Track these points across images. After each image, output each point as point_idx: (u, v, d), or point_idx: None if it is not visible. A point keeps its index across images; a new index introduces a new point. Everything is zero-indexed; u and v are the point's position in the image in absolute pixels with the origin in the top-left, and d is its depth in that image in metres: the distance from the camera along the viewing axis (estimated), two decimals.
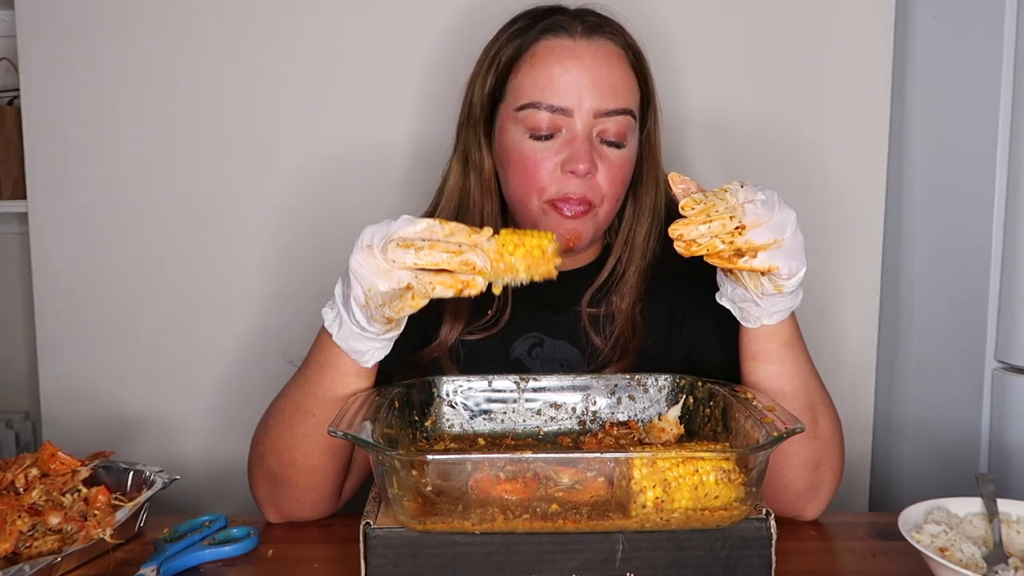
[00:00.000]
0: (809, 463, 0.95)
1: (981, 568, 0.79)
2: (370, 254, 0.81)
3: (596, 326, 1.09)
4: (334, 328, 0.89)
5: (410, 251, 0.79)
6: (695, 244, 0.80)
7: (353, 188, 1.46)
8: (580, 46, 1.02)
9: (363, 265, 0.81)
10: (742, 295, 0.89)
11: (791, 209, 0.83)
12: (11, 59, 1.57)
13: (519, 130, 1.03)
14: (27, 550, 0.85)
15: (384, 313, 0.83)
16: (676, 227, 0.80)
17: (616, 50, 1.04)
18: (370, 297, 0.82)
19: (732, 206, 0.80)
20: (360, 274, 0.81)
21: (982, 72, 1.24)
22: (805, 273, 0.85)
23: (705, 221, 0.80)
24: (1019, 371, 1.20)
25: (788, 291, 0.86)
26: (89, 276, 1.47)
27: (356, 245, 0.82)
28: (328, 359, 0.92)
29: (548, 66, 1.02)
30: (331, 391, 0.92)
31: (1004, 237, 1.21)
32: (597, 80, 1.01)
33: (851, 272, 1.50)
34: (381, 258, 0.80)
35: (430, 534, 0.75)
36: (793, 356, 0.93)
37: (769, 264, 0.82)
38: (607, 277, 1.10)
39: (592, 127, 1.01)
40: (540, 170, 1.02)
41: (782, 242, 0.82)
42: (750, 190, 0.82)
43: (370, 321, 0.85)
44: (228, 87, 1.45)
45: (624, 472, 0.74)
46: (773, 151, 1.48)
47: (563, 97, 1.01)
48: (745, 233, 0.81)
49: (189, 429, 1.49)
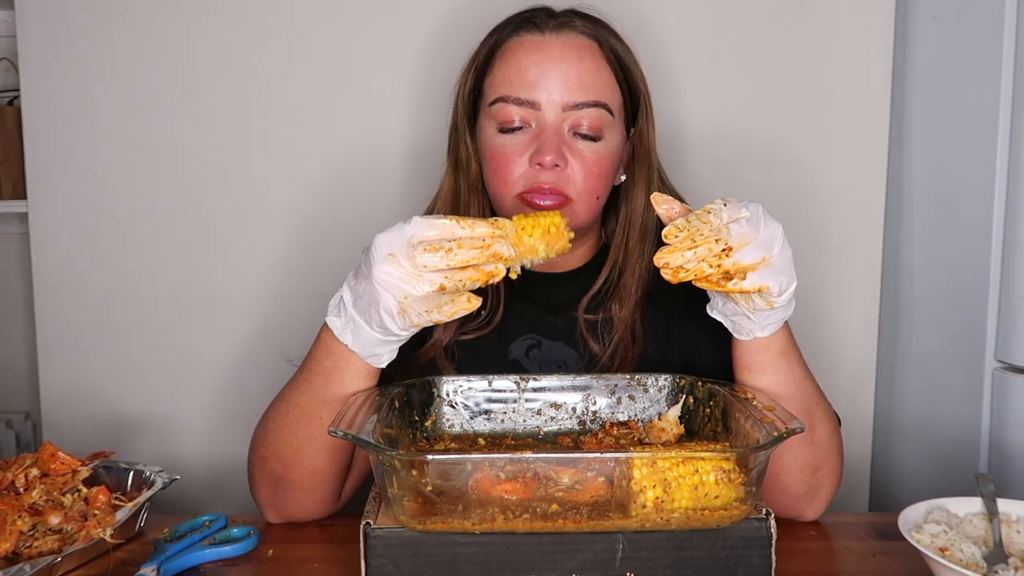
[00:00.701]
0: (807, 468, 0.95)
1: (981, 568, 0.79)
2: (395, 262, 0.80)
3: (594, 333, 1.09)
4: (347, 337, 0.88)
5: (439, 253, 0.79)
6: (682, 270, 0.79)
7: (353, 189, 1.46)
8: (548, 40, 1.03)
9: (391, 275, 0.80)
10: (733, 309, 0.88)
11: (777, 223, 0.82)
12: (11, 59, 1.57)
13: (491, 125, 1.04)
14: (27, 550, 0.85)
15: (432, 318, 0.83)
16: (661, 255, 0.79)
17: (587, 43, 1.03)
18: (407, 305, 0.81)
19: (717, 227, 0.79)
20: (389, 284, 0.80)
21: (982, 72, 1.24)
22: (796, 287, 0.84)
23: (691, 247, 0.78)
24: (1019, 371, 1.20)
25: (779, 305, 0.85)
26: (89, 276, 1.47)
27: (373, 256, 0.81)
28: (337, 364, 0.91)
29: (517, 60, 1.03)
30: (339, 393, 0.91)
31: (1004, 237, 1.21)
32: (565, 72, 1.01)
33: (851, 272, 1.50)
34: (409, 265, 0.80)
35: (430, 534, 0.75)
36: (787, 365, 0.92)
37: (759, 284, 0.81)
38: (603, 282, 1.10)
39: (563, 120, 1.01)
40: (510, 163, 1.01)
41: (770, 259, 0.81)
42: (734, 207, 0.81)
43: (408, 328, 0.84)
44: (227, 88, 1.45)
45: (624, 472, 0.74)
46: (773, 152, 1.48)
47: (530, 90, 1.01)
48: (732, 254, 0.79)
49: (189, 429, 1.49)
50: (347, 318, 0.87)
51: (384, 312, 0.83)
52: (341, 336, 0.88)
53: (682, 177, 1.15)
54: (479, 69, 1.07)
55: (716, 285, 0.81)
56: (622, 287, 1.08)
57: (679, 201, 0.83)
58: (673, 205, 0.83)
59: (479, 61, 1.08)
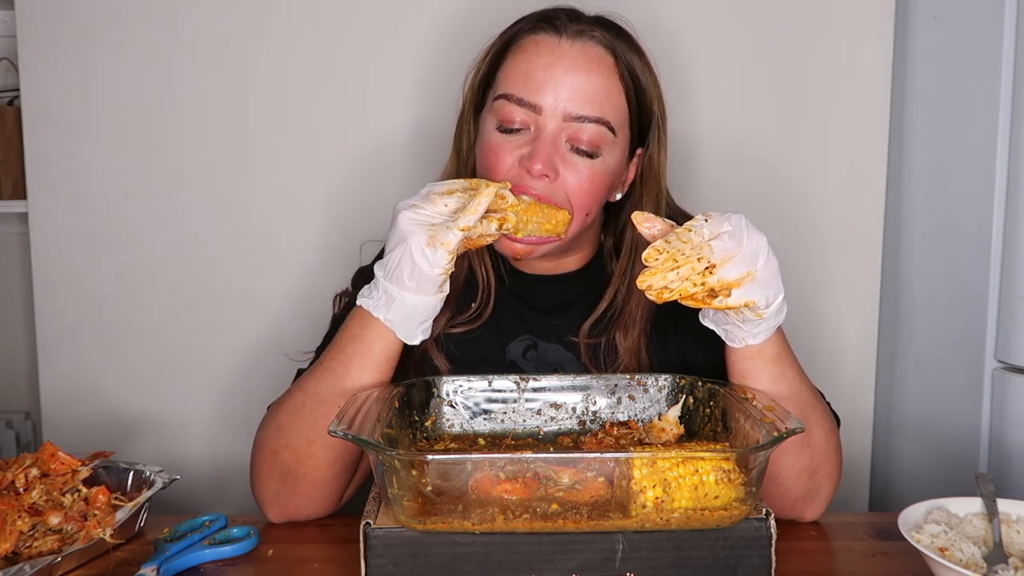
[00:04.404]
0: (805, 471, 0.94)
1: (981, 568, 0.79)
2: (417, 208, 0.88)
3: (596, 358, 1.07)
4: (381, 311, 0.91)
5: (455, 195, 0.88)
6: (667, 291, 0.79)
7: (356, 187, 1.46)
8: (564, 45, 1.00)
9: (415, 217, 0.88)
10: (724, 318, 0.88)
11: (761, 234, 0.82)
12: (11, 59, 1.57)
13: (492, 120, 1.02)
14: (27, 550, 0.85)
15: (462, 223, 0.86)
16: (644, 278, 0.79)
17: (602, 55, 1.00)
18: (434, 233, 0.87)
19: (698, 245, 0.79)
20: (416, 222, 0.87)
21: (982, 72, 1.24)
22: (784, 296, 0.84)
23: (673, 267, 0.78)
24: (1019, 371, 1.20)
25: (768, 316, 0.85)
26: (89, 276, 1.47)
27: (397, 211, 0.88)
28: (359, 349, 0.92)
29: (528, 59, 1.00)
30: (358, 382, 0.92)
31: (1004, 237, 1.21)
32: (573, 82, 0.98)
33: (851, 272, 1.50)
34: (430, 207, 0.88)
35: (430, 534, 0.75)
36: (781, 371, 0.92)
37: (745, 300, 0.81)
38: (606, 309, 1.08)
39: (561, 130, 0.99)
40: (500, 163, 1.00)
41: (755, 273, 0.81)
42: (715, 222, 0.80)
43: (441, 262, 0.87)
44: (228, 88, 1.45)
45: (624, 472, 0.74)
46: (773, 152, 1.48)
47: (535, 93, 0.98)
48: (716, 272, 0.79)
49: (189, 429, 1.50)
50: (380, 292, 0.90)
51: (416, 251, 0.86)
52: (375, 311, 0.91)
53: (680, 181, 1.15)
54: (492, 59, 1.05)
55: (702, 303, 0.81)
56: (627, 315, 1.07)
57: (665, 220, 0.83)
58: (655, 223, 0.83)
59: (493, 51, 1.05)
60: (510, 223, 0.90)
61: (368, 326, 0.92)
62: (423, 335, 0.93)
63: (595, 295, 1.10)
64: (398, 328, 0.91)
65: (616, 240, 1.12)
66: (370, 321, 0.92)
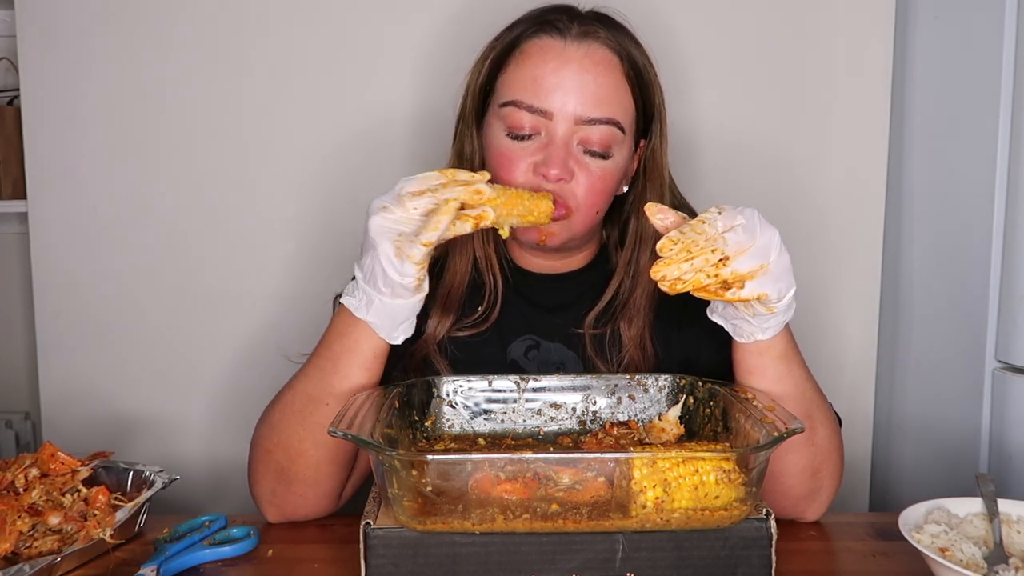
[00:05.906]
0: (807, 470, 0.95)
1: (981, 568, 0.79)
2: (387, 212, 0.86)
3: (600, 350, 1.08)
4: (362, 310, 0.90)
5: (425, 196, 0.86)
6: (680, 282, 0.80)
7: (353, 189, 1.46)
8: (570, 49, 1.00)
9: (383, 223, 0.86)
10: (733, 313, 0.88)
11: (774, 228, 0.82)
12: (11, 59, 1.57)
13: (500, 127, 1.02)
14: (27, 550, 0.85)
15: (424, 239, 0.84)
16: (658, 268, 0.79)
17: (609, 56, 1.01)
18: (401, 243, 0.85)
19: (712, 237, 0.79)
20: (383, 230, 0.85)
21: (982, 72, 1.24)
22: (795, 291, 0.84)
23: (687, 258, 0.79)
24: (1019, 371, 1.20)
25: (779, 311, 0.85)
26: (89, 276, 1.47)
27: (370, 213, 0.86)
28: (347, 346, 0.92)
29: (535, 65, 1.00)
30: (347, 379, 0.92)
31: (1004, 237, 1.21)
32: (583, 85, 0.98)
33: (851, 272, 1.50)
34: (400, 211, 0.85)
35: (430, 534, 0.75)
36: (788, 368, 0.92)
37: (758, 292, 0.81)
38: (611, 299, 1.08)
39: (573, 133, 0.99)
40: (514, 169, 1.00)
41: (768, 266, 0.81)
42: (729, 215, 0.81)
43: (408, 271, 0.86)
44: (228, 88, 1.45)
45: (624, 472, 0.74)
46: (772, 152, 1.48)
47: (545, 99, 0.98)
48: (729, 264, 0.79)
49: (189, 429, 1.49)
50: (361, 293, 0.90)
51: (384, 259, 0.85)
52: (357, 311, 0.91)
53: (681, 182, 1.15)
54: (494, 64, 1.05)
55: (714, 295, 0.81)
56: (631, 306, 1.07)
57: (677, 212, 0.83)
58: (668, 215, 0.83)
59: (495, 56, 1.04)
60: (487, 220, 0.88)
61: (353, 324, 0.92)
62: (404, 334, 0.93)
63: (599, 292, 1.10)
64: (379, 329, 0.91)
65: (620, 231, 1.12)
66: (354, 319, 0.92)
